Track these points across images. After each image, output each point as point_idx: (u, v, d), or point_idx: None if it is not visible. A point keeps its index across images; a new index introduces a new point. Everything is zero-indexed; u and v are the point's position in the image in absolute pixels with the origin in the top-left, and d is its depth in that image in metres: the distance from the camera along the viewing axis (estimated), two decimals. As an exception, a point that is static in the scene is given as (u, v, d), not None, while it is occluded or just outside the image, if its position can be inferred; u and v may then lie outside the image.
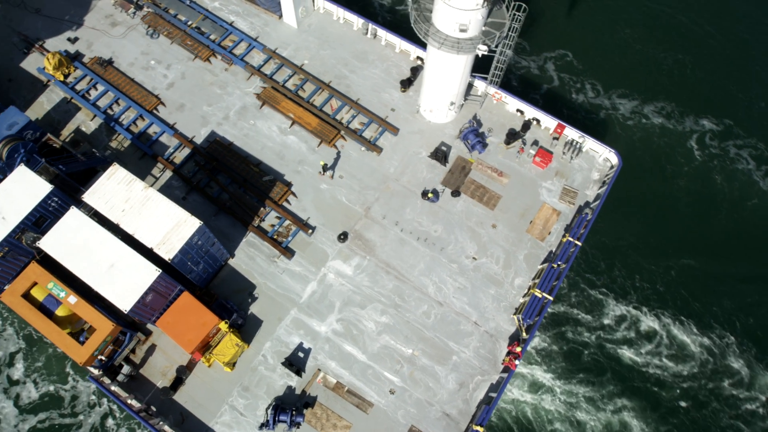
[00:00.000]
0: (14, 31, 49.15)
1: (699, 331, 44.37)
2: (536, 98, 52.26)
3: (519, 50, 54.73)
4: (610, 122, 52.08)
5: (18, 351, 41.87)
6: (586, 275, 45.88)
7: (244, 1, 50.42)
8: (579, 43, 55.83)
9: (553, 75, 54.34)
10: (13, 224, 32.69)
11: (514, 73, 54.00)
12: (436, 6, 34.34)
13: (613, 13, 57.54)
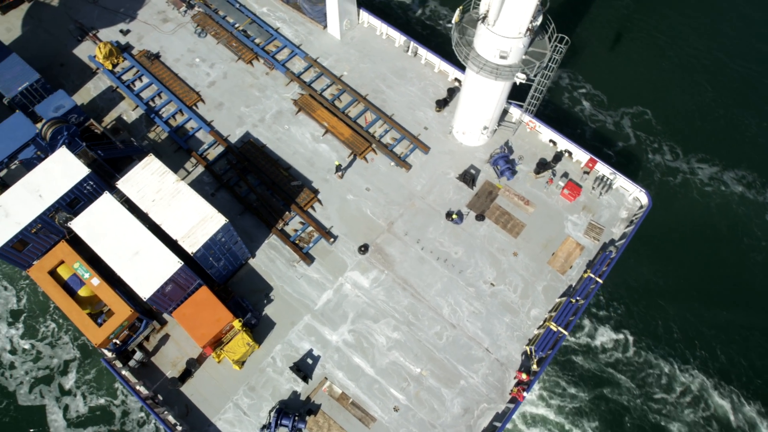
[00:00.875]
0: (71, 19, 51.20)
1: (707, 380, 43.16)
2: (610, 154, 51.23)
3: (596, 103, 53.65)
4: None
5: (73, 359, 41.65)
6: (603, 313, 45.10)
7: (291, 9, 51.61)
8: (659, 102, 54.44)
9: (629, 132, 52.99)
10: (49, 203, 33.75)
11: (589, 126, 53.09)
12: (478, 31, 34.67)
13: (696, 73, 56.64)
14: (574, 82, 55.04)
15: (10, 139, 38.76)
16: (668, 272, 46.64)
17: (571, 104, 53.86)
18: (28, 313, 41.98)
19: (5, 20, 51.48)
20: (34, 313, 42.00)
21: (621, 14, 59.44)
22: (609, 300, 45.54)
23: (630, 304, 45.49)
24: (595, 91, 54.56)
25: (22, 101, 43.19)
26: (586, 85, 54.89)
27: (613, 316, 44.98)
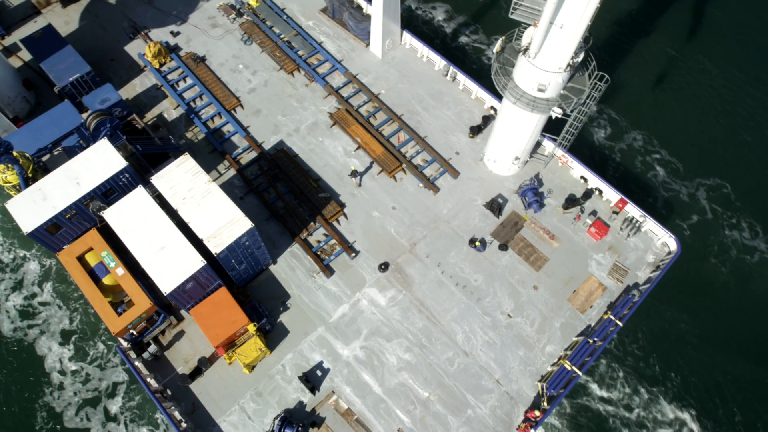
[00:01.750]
0: (126, 17, 53.28)
1: (733, 444, 41.62)
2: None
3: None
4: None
5: (121, 382, 41.35)
6: (621, 356, 44.06)
7: (336, 25, 52.71)
8: (694, 147, 53.27)
9: (662, 174, 51.89)
10: (85, 191, 34.85)
11: (621, 166, 51.70)
12: (518, 63, 34.87)
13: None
14: (611, 119, 54.61)
15: (56, 126, 40.27)
16: (691, 321, 45.42)
17: (604, 142, 53.41)
18: (79, 334, 42.45)
19: (64, 14, 53.85)
20: (86, 335, 42.42)
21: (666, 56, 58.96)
22: (627, 344, 44.50)
23: (648, 350, 44.37)
24: (631, 131, 54.01)
25: (71, 91, 44.98)
26: (623, 123, 54.40)
27: (630, 361, 43.91)
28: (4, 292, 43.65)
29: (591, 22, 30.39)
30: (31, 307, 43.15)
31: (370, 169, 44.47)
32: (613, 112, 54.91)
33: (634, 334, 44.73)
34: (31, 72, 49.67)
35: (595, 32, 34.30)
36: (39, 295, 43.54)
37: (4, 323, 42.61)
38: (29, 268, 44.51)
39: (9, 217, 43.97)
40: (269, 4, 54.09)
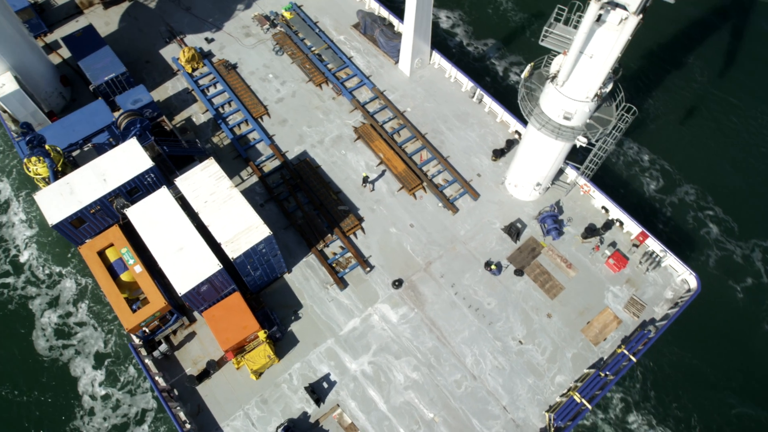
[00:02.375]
0: (164, 22, 54.74)
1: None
2: (663, 230, 48.46)
3: (653, 174, 51.33)
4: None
5: (150, 409, 40.81)
6: (631, 392, 43.15)
7: (367, 41, 53.42)
8: (720, 186, 51.73)
9: (689, 209, 50.67)
10: (111, 188, 35.61)
11: (644, 198, 50.12)
12: (545, 89, 34.92)
13: None
14: (635, 151, 54.17)
15: (88, 123, 41.35)
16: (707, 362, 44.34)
17: (627, 173, 52.93)
18: (113, 357, 42.23)
19: (105, 15, 55.54)
20: (118, 358, 42.18)
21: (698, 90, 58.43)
22: (639, 379, 43.59)
23: (661, 387, 43.36)
24: (655, 163, 53.47)
25: (105, 90, 46.18)
26: (647, 155, 53.89)
27: (641, 398, 42.96)
28: (40, 307, 43.71)
29: (621, 54, 30.43)
30: (67, 327, 43.04)
31: (383, 176, 44.97)
32: (638, 144, 54.48)
33: (646, 370, 43.83)
34: (69, 69, 51.19)
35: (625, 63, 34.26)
36: (74, 314, 43.45)
37: (40, 341, 42.64)
38: (65, 286, 44.51)
39: (46, 231, 45.69)
40: (303, 16, 55.12)
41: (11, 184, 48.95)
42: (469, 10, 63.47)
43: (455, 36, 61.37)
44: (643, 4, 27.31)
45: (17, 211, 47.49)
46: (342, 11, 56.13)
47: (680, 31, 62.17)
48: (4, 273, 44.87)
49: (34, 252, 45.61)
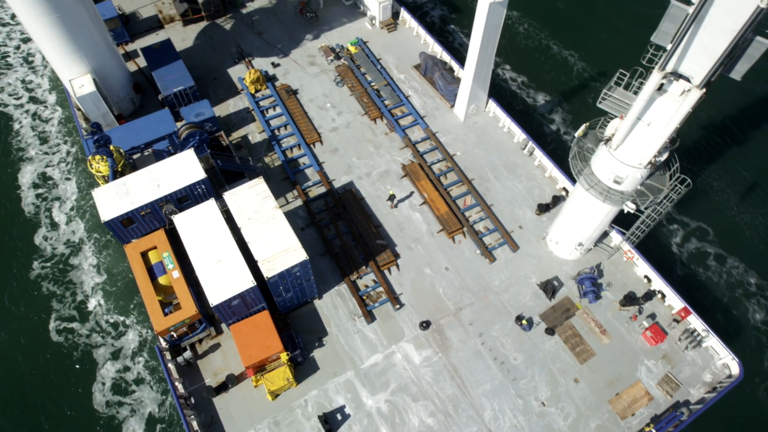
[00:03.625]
0: (235, 43, 57.60)
1: None
2: (706, 308, 46.01)
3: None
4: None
5: None
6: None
7: (426, 83, 54.53)
8: None
9: (728, 287, 48.62)
10: (164, 193, 37.10)
11: (690, 273, 48.42)
12: (598, 150, 34.65)
13: None
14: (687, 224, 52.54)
15: (152, 130, 43.45)
16: (743, 458, 41.69)
17: (676, 245, 51.29)
18: (165, 424, 41.10)
19: (183, 32, 58.93)
20: (170, 425, 40.99)
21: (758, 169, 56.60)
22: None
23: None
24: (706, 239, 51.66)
25: (172, 101, 48.66)
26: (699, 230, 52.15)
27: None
28: (102, 358, 43.37)
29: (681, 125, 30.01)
30: (125, 382, 42.55)
31: (410, 197, 45.75)
32: (690, 216, 52.88)
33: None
34: (143, 77, 54.28)
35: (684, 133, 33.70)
36: (133, 369, 42.98)
37: (96, 394, 42.03)
38: (128, 338, 43.98)
39: (113, 279, 46.38)
40: (367, 52, 56.89)
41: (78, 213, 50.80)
42: (530, 63, 64.06)
43: (514, 86, 61.87)
44: (708, 78, 27.02)
45: (88, 254, 47.92)
46: (405, 51, 57.68)
47: (745, 106, 60.75)
48: (71, 318, 45.04)
49: (101, 299, 45.63)
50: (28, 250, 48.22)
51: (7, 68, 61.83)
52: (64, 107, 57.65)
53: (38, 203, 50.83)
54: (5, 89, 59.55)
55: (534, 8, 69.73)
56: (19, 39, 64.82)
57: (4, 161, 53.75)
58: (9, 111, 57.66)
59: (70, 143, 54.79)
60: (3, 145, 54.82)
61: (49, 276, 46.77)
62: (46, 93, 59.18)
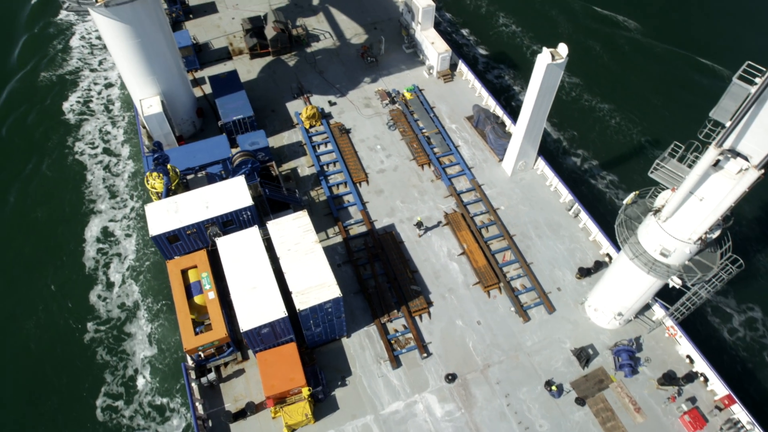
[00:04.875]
0: (297, 79, 60.01)
1: None
2: (753, 398, 43.25)
3: (754, 338, 46.85)
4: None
5: None
6: None
7: (477, 134, 55.07)
8: None
9: None
10: (210, 215, 38.34)
11: (738, 360, 45.57)
12: (646, 220, 33.89)
13: None
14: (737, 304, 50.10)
15: (207, 153, 45.25)
16: None
17: (724, 326, 48.82)
18: None
19: (249, 64, 62.02)
20: None
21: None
22: None
23: None
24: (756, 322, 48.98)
25: (231, 128, 50.78)
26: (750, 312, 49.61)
27: None
28: None
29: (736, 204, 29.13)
30: None
31: (437, 227, 46.66)
32: (740, 298, 50.45)
33: None
34: (206, 103, 57.04)
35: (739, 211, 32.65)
36: None
37: None
38: (172, 424, 42.34)
39: (162, 355, 45.48)
40: (422, 99, 58.14)
41: None
42: (582, 125, 63.92)
43: (564, 146, 61.69)
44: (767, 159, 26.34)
45: (141, 322, 46.86)
46: (459, 102, 58.64)
47: (808, 192, 58.41)
48: (117, 395, 43.70)
49: (148, 376, 44.32)
50: (83, 308, 47.89)
51: (89, 114, 63.87)
52: (135, 161, 58.77)
53: (98, 258, 51.13)
54: (85, 137, 61.37)
55: (591, 71, 70.11)
56: (103, 84, 67.39)
57: (75, 212, 54.86)
58: (85, 160, 59.24)
59: (135, 198, 55.63)
60: (76, 195, 56.13)
61: (104, 342, 45.99)
62: (119, 146, 60.55)
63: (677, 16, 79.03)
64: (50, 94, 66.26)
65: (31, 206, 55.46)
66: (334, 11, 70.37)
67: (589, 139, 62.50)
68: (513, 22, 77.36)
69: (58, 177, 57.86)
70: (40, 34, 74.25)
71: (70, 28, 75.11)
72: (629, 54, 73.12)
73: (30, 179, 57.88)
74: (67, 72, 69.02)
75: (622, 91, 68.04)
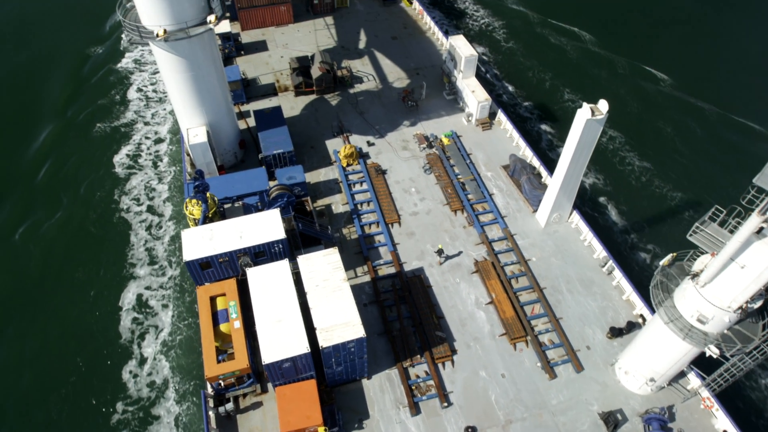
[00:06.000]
0: (338, 118, 61.57)
1: None
2: None
3: None
4: None
5: None
6: None
7: (512, 184, 54.97)
8: None
9: None
10: (243, 246, 39.02)
11: None
12: (683, 284, 32.88)
13: None
14: (778, 383, 47.60)
15: (246, 184, 46.50)
16: None
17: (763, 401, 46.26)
18: None
19: (293, 101, 64.13)
20: None
21: None
22: None
23: None
24: (801, 406, 46.27)
25: (270, 161, 52.13)
26: (792, 393, 46.99)
27: None
28: None
29: (779, 274, 28.08)
30: None
31: (458, 256, 46.75)
32: (782, 374, 47.93)
33: None
34: (249, 136, 58.87)
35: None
36: None
37: None
38: None
39: None
40: (459, 146, 58.66)
41: None
42: (620, 181, 63.18)
43: (601, 200, 60.91)
44: (816, 232, 25.48)
45: (169, 404, 44.96)
46: (496, 150, 58.92)
47: None
48: None
49: None
50: (115, 385, 46.15)
51: (138, 169, 63.76)
52: (177, 221, 57.76)
53: (133, 328, 49.49)
54: (130, 192, 60.92)
55: (631, 126, 69.83)
56: (153, 140, 67.61)
57: (115, 275, 53.47)
58: (129, 218, 58.50)
59: (174, 265, 54.09)
60: (118, 257, 54.98)
61: (131, 424, 44.09)
62: (162, 204, 59.67)
63: (720, 76, 78.51)
64: (103, 145, 67.02)
65: (74, 266, 54.43)
66: (379, 55, 72.49)
67: (627, 195, 61.62)
68: (553, 75, 78.13)
69: (102, 235, 57.25)
70: (101, 83, 76.67)
71: (128, 77, 77.33)
72: (670, 112, 72.68)
73: (76, 233, 57.46)
74: (121, 124, 69.95)
75: (662, 148, 67.33)
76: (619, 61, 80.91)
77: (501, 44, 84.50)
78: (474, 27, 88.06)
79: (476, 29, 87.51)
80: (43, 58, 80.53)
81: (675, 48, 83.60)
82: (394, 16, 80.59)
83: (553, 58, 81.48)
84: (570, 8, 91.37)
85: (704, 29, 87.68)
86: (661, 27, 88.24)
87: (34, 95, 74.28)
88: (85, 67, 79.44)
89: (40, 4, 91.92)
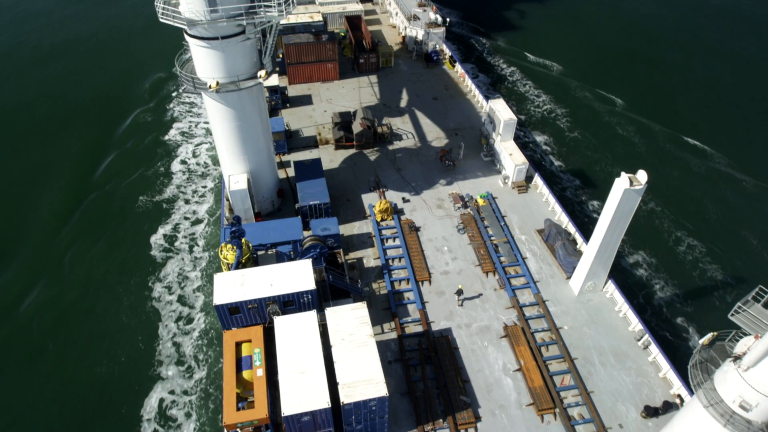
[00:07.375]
0: (375, 173, 62.79)
1: None
2: None
3: None
4: None
5: None
6: None
7: (546, 249, 54.27)
8: None
9: None
10: (272, 294, 39.28)
11: None
12: (724, 366, 31.21)
13: None
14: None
15: (281, 233, 47.29)
16: None
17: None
18: None
19: (333, 154, 66.01)
20: None
21: None
22: None
23: None
24: None
25: (306, 212, 53.20)
26: None
27: None
28: None
29: (829, 364, 26.48)
30: None
31: (478, 298, 47.49)
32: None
33: None
34: (287, 185, 60.41)
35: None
36: None
37: None
38: None
39: None
40: (494, 207, 58.69)
41: None
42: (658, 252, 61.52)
43: (639, 272, 59.27)
44: None
45: None
46: (531, 214, 58.63)
47: None
48: None
49: None
50: None
51: (174, 253, 60.66)
52: (208, 315, 54.08)
53: None
54: (163, 279, 57.63)
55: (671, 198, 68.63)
56: (191, 221, 64.76)
57: (139, 375, 49.53)
58: (159, 307, 54.87)
59: (201, 366, 50.14)
60: (145, 353, 51.38)
61: None
62: (192, 295, 56.16)
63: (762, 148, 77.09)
64: (142, 225, 64.40)
65: (96, 358, 50.91)
66: (419, 114, 74.34)
67: (665, 268, 59.83)
68: (593, 142, 78.24)
69: (133, 326, 53.63)
70: (147, 153, 75.35)
71: (176, 149, 75.64)
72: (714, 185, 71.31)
73: (101, 321, 54.10)
74: (162, 200, 67.53)
75: (705, 222, 65.70)
76: (660, 130, 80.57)
77: (541, 109, 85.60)
78: (516, 91, 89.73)
79: (517, 94, 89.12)
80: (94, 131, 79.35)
81: (718, 120, 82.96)
82: (436, 77, 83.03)
83: (593, 125, 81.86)
84: (612, 77, 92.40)
85: (755, 107, 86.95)
86: (705, 99, 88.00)
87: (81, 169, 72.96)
88: (134, 137, 78.56)
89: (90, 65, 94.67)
